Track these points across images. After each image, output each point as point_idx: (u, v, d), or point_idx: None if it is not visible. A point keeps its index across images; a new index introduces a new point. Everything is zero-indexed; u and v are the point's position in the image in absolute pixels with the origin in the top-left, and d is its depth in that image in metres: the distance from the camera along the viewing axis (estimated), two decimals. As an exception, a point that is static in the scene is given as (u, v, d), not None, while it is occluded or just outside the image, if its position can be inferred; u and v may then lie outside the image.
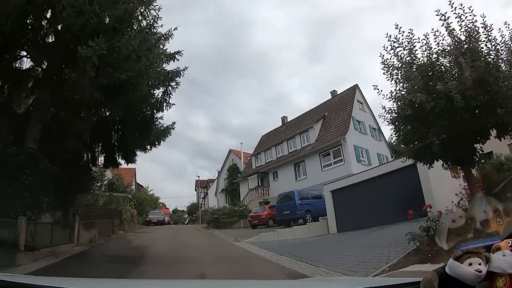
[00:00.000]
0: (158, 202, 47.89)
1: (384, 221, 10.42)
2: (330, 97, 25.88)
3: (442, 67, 6.14)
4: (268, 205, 18.54)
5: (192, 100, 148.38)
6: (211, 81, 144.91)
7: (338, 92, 25.51)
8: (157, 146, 9.81)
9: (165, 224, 28.15)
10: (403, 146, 8.12)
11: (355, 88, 23.83)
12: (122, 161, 10.42)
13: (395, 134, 7.21)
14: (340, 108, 22.93)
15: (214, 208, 27.16)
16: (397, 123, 6.80)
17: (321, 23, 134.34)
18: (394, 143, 29.02)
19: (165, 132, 9.86)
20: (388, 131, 12.81)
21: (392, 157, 23.72)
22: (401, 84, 6.44)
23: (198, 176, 35.82)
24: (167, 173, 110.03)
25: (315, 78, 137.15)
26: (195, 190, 52.01)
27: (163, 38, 8.57)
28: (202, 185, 47.65)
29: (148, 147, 9.74)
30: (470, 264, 1.04)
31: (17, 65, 8.07)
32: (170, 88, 8.99)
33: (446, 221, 4.69)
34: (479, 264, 1.04)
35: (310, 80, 44.76)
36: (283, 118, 29.99)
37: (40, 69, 8.29)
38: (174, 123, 10.05)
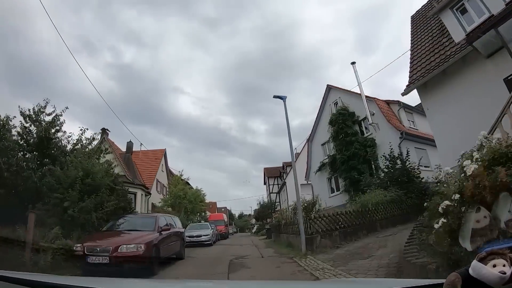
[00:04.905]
0: (203, 202, 26.69)
1: None
2: None
3: None
4: None
5: (249, 107, 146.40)
6: (266, 86, 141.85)
7: None
8: None
9: (183, 252, 10.05)
10: None
11: None
12: None
13: None
14: None
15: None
16: None
17: (368, 10, 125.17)
18: None
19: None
20: None
21: None
22: None
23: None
24: (232, 180, 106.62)
25: (370, 69, 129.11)
26: (264, 183, 40.46)
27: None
28: (275, 174, 34.42)
29: None
30: (494, 266, 0.98)
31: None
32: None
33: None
34: (504, 265, 0.98)
35: (364, 72, 36.18)
36: None
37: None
38: None
